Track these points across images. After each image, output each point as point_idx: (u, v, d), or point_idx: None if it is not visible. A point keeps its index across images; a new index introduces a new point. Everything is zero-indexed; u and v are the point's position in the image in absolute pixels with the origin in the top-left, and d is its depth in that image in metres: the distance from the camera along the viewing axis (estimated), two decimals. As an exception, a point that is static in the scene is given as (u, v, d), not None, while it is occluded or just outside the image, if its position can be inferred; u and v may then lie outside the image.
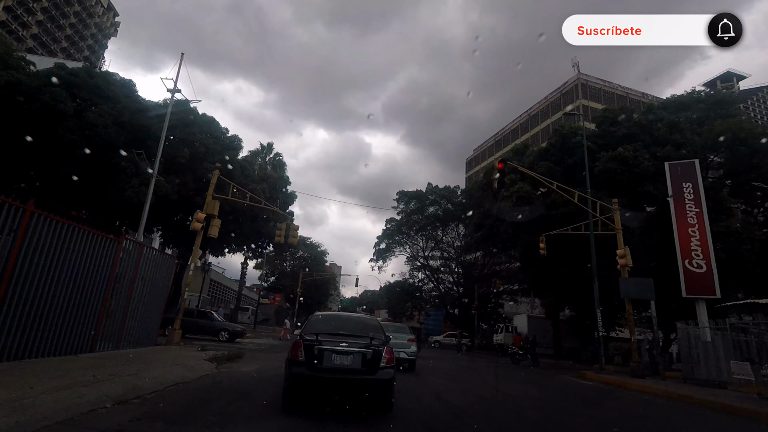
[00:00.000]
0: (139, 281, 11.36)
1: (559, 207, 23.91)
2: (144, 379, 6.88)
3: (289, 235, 19.99)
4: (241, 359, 12.41)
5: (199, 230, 14.43)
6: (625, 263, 15.54)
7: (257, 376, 9.29)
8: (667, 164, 16.43)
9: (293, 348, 6.62)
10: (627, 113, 24.35)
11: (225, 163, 22.16)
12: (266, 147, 42.32)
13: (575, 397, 10.73)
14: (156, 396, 6.24)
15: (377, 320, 8.26)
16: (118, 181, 19.85)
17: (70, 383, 5.62)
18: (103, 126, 19.43)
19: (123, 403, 5.50)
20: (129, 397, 5.84)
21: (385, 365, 6.57)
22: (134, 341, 11.54)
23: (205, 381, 7.85)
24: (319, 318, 7.90)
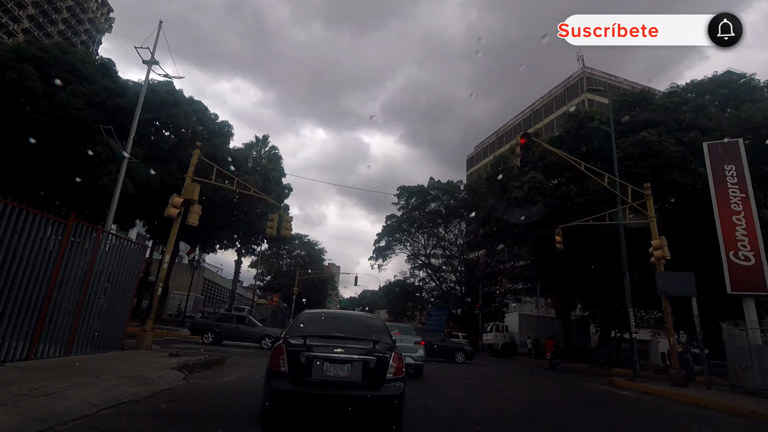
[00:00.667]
0: (96, 274, 9.55)
1: (574, 198, 22.18)
2: (70, 400, 5.08)
3: (282, 226, 18.18)
4: (221, 366, 10.60)
5: (176, 217, 12.61)
6: (661, 255, 13.74)
7: (235, 390, 7.50)
8: (706, 144, 14.67)
9: (274, 355, 4.91)
10: (647, 97, 22.54)
11: (212, 147, 20.39)
12: (261, 140, 40.65)
13: (624, 413, 8.95)
14: (75, 427, 4.44)
15: (381, 320, 6.49)
16: (93, 168, 18.04)
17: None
18: (76, 107, 17.65)
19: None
20: (30, 430, 4.05)
21: (392, 377, 4.91)
22: (92, 345, 9.73)
23: (158, 400, 6.04)
24: (308, 317, 6.13)
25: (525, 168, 12.33)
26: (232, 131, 24.15)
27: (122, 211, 21.13)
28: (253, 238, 31.38)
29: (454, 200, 45.62)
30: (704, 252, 19.74)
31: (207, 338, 18.06)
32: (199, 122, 21.83)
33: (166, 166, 20.61)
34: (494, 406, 8.38)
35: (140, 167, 18.92)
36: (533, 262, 28.26)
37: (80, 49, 21.96)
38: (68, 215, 8.66)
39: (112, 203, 13.51)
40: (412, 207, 46.73)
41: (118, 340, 10.75)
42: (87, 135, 17.93)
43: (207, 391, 7.18)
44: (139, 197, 19.36)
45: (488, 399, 9.26)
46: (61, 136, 17.65)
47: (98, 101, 18.16)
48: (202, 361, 9.90)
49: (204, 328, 18.44)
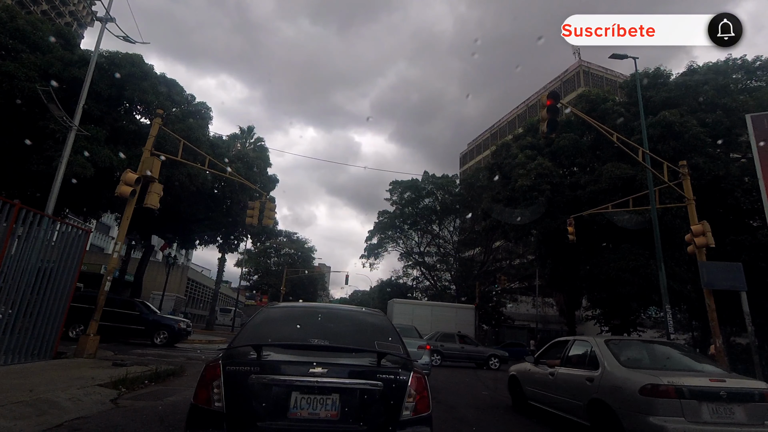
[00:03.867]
0: (11, 264, 7.42)
1: (585, 186, 20.36)
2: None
3: (263, 215, 16.10)
4: (178, 377, 8.50)
5: (129, 197, 10.49)
6: (704, 243, 11.86)
7: (179, 417, 5.41)
8: (748, 116, 12.92)
9: (202, 381, 2.79)
10: (662, 74, 20.78)
11: (186, 129, 18.18)
12: (246, 131, 38.39)
13: None
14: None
15: (386, 318, 4.38)
16: (45, 149, 15.76)
17: None
18: (25, 78, 15.34)
19: None
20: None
21: (412, 416, 2.85)
22: (13, 353, 7.63)
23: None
24: (272, 314, 4.07)
25: (551, 134, 10.43)
26: (211, 114, 21.88)
27: (84, 198, 18.88)
28: (236, 233, 29.13)
29: (450, 195, 43.77)
30: (728, 244, 18.07)
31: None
32: (172, 101, 19.59)
33: (135, 149, 18.34)
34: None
35: (103, 149, 16.68)
36: (538, 257, 26.41)
37: (31, 16, 19.52)
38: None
39: (54, 183, 11.27)
40: (406, 202, 44.76)
41: (50, 347, 8.61)
42: (39, 110, 15.66)
43: (135, 420, 5.08)
44: (102, 182, 17.10)
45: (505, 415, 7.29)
46: (7, 111, 15.34)
47: (53, 72, 15.89)
48: (152, 373, 7.79)
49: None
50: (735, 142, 19.29)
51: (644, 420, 4.67)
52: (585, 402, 5.64)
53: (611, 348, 5.83)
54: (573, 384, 6.12)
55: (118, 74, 16.55)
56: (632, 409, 4.86)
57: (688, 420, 4.56)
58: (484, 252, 44.57)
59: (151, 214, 14.81)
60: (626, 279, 18.19)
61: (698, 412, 4.61)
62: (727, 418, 4.63)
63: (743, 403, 4.72)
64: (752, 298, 12.07)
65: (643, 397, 4.75)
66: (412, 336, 11.06)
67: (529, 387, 7.54)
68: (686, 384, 4.74)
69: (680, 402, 4.62)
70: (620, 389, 5.13)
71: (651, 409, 4.67)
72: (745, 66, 21.40)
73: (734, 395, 4.73)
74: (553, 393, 6.65)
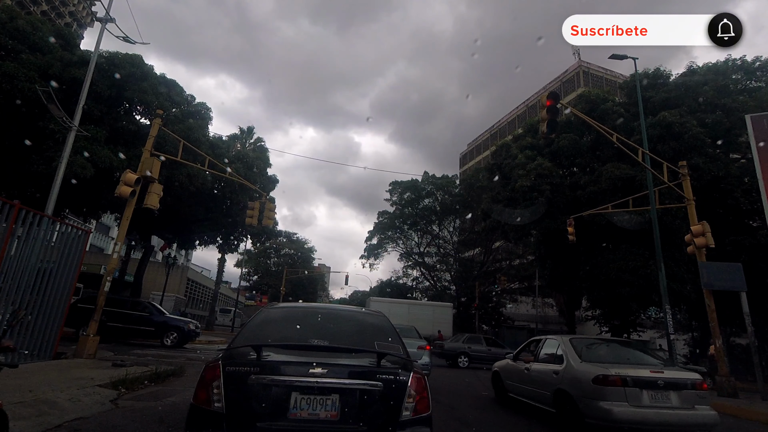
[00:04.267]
0: (11, 264, 7.43)
1: (585, 187, 20.36)
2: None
3: (263, 216, 16.10)
4: (178, 378, 8.50)
5: (129, 197, 10.50)
6: (704, 243, 11.88)
7: (179, 417, 5.41)
8: (748, 117, 12.95)
9: (202, 381, 2.78)
10: (662, 75, 20.78)
11: (186, 129, 18.17)
12: (246, 131, 38.44)
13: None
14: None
15: (386, 318, 4.35)
16: (45, 149, 15.75)
17: None
18: (25, 78, 15.34)
19: None
20: None
21: (412, 416, 2.84)
22: (9, 353, 7.61)
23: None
24: (272, 314, 4.07)
25: (551, 135, 10.44)
26: (210, 114, 21.87)
27: (84, 198, 18.87)
28: (236, 233, 29.09)
29: (449, 196, 43.76)
30: (728, 245, 18.08)
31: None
32: (172, 101, 19.58)
33: (135, 150, 18.33)
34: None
35: (103, 149, 16.67)
36: (538, 258, 26.40)
37: (31, 16, 19.51)
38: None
39: (54, 183, 11.29)
40: (405, 203, 44.74)
41: (50, 348, 8.61)
42: (39, 111, 15.65)
43: (135, 421, 5.08)
44: (102, 183, 17.10)
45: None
46: (7, 111, 15.34)
47: (53, 73, 15.88)
48: (152, 374, 7.79)
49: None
50: (735, 143, 19.30)
51: (596, 405, 5.51)
52: (551, 392, 6.48)
53: (574, 345, 6.67)
54: (543, 377, 6.95)
55: (117, 75, 16.54)
56: (587, 396, 5.68)
57: (631, 404, 5.40)
58: (483, 252, 44.57)
59: (151, 214, 14.81)
60: (626, 279, 18.19)
61: (639, 398, 5.46)
62: (663, 403, 5.49)
63: (677, 391, 5.58)
64: (752, 298, 12.10)
65: (595, 385, 5.58)
66: (411, 336, 11.04)
67: (509, 381, 8.33)
68: (630, 374, 5.58)
69: (624, 390, 5.45)
70: (578, 380, 5.96)
71: (601, 395, 5.50)
72: (744, 66, 21.41)
73: (670, 384, 5.59)
74: (527, 385, 7.48)
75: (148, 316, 15.75)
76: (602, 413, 5.40)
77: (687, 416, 5.48)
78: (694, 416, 5.48)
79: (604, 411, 5.38)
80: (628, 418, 5.30)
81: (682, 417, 5.47)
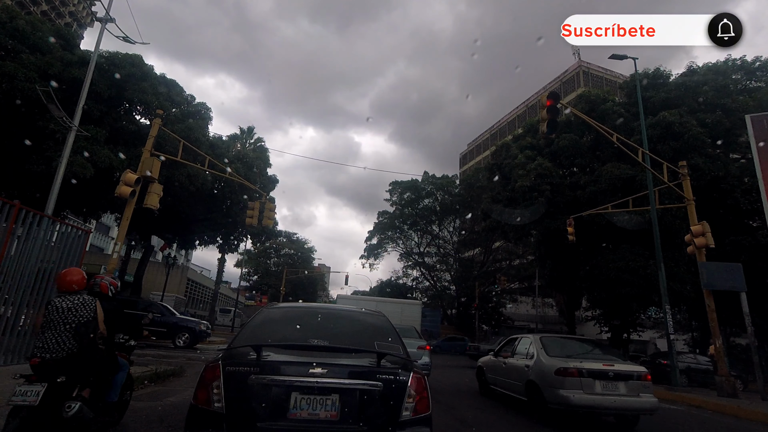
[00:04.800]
0: (11, 264, 7.42)
1: (585, 187, 20.37)
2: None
3: (263, 216, 16.11)
4: (179, 378, 8.50)
5: (129, 197, 10.51)
6: (704, 243, 11.89)
7: (179, 417, 5.41)
8: (748, 117, 12.95)
9: (202, 381, 2.77)
10: (662, 75, 20.79)
11: (186, 129, 18.18)
12: (246, 131, 38.49)
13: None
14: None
15: (386, 318, 4.35)
16: (45, 149, 15.76)
17: None
18: (25, 78, 15.34)
19: None
20: None
21: (412, 416, 2.83)
22: (9, 353, 7.63)
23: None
24: (272, 314, 4.06)
25: (551, 135, 10.45)
26: (210, 114, 21.89)
27: (84, 198, 18.87)
28: (236, 233, 29.11)
29: (449, 196, 43.77)
30: (728, 245, 18.09)
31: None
32: (172, 101, 19.59)
33: (135, 150, 18.34)
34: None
35: (103, 149, 16.68)
36: (538, 258, 26.41)
37: (31, 16, 19.50)
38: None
39: (54, 183, 11.29)
40: (405, 203, 44.77)
41: (50, 348, 8.57)
42: (39, 111, 15.66)
43: (135, 421, 5.09)
44: (102, 183, 17.11)
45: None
46: (7, 111, 15.35)
47: (53, 73, 15.89)
48: (151, 374, 7.79)
49: None
50: (735, 143, 19.31)
51: (557, 393, 6.42)
52: (523, 382, 7.43)
53: (543, 343, 7.55)
54: (517, 370, 7.87)
55: (117, 75, 16.56)
56: (550, 385, 6.59)
57: (585, 392, 6.31)
58: (483, 252, 44.62)
59: (151, 214, 14.80)
60: (626, 279, 18.19)
61: (593, 387, 6.36)
62: (613, 391, 6.41)
63: (625, 381, 6.48)
64: (752, 298, 12.10)
65: (557, 376, 6.49)
66: (411, 336, 11.04)
67: (490, 375, 9.33)
68: (585, 367, 6.48)
69: (580, 380, 6.36)
70: (544, 372, 6.87)
71: (561, 384, 6.40)
72: (744, 66, 21.44)
73: (619, 375, 6.49)
74: (504, 378, 8.47)
75: (160, 317, 15.91)
76: (562, 400, 6.31)
77: (632, 402, 6.44)
78: (638, 402, 6.46)
79: (563, 398, 6.30)
80: (583, 403, 6.24)
81: (628, 403, 6.43)
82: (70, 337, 3.71)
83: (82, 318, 3.82)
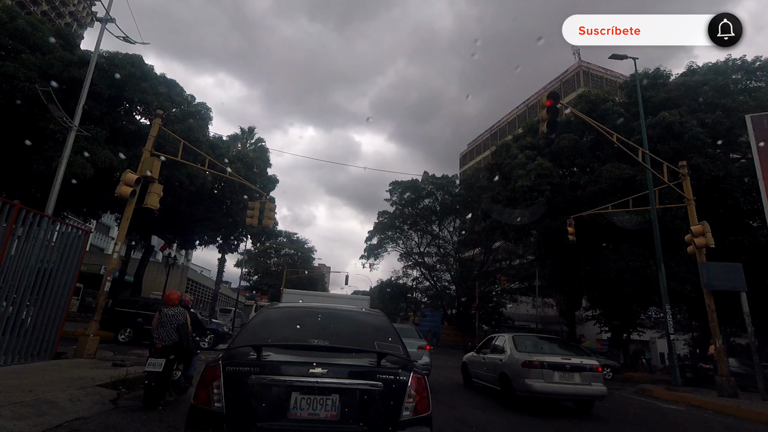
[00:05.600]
0: (11, 264, 7.43)
1: (585, 187, 20.37)
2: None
3: (263, 216, 16.10)
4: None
5: (129, 197, 10.51)
6: (704, 243, 11.89)
7: (177, 417, 5.42)
8: (748, 117, 12.95)
9: (202, 381, 2.77)
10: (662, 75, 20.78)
11: (186, 129, 18.17)
12: (247, 131, 38.42)
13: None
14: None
15: (386, 317, 4.35)
16: (45, 149, 15.74)
17: None
18: (25, 78, 15.33)
19: None
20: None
21: (412, 416, 2.83)
22: (13, 353, 7.65)
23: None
24: (272, 314, 4.07)
25: (551, 135, 10.45)
26: (210, 114, 21.87)
27: (84, 198, 18.86)
28: (236, 233, 29.09)
29: (449, 196, 43.73)
30: (728, 245, 18.08)
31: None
32: (172, 101, 19.58)
33: (135, 150, 18.33)
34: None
35: (104, 149, 16.67)
36: (538, 258, 26.40)
37: (31, 16, 19.48)
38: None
39: (54, 183, 11.30)
40: (405, 203, 44.72)
41: (50, 347, 8.61)
42: (39, 111, 15.65)
43: (135, 421, 5.09)
44: (102, 183, 17.10)
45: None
46: (7, 111, 15.34)
47: (53, 73, 15.88)
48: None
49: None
50: (735, 143, 19.30)
51: (523, 382, 7.64)
52: (497, 374, 8.66)
53: (514, 340, 8.80)
54: (493, 364, 9.12)
55: (118, 75, 16.54)
56: (518, 376, 7.80)
57: (546, 381, 7.55)
58: (483, 252, 44.59)
59: (151, 214, 14.79)
60: (626, 279, 18.19)
61: (552, 377, 7.59)
62: (569, 381, 7.65)
63: (580, 372, 7.70)
64: (752, 298, 12.10)
65: (523, 368, 7.72)
66: (411, 336, 11.03)
67: (472, 369, 10.63)
68: (546, 360, 7.72)
69: (542, 371, 7.58)
70: (513, 364, 8.07)
71: (527, 375, 7.63)
72: (744, 66, 21.42)
73: (574, 367, 7.70)
74: (483, 371, 9.75)
75: None
76: (527, 388, 7.53)
77: (585, 389, 7.67)
78: (590, 390, 7.69)
79: (528, 386, 7.52)
80: (544, 390, 7.48)
81: (581, 390, 7.66)
82: (174, 332, 5.98)
83: (180, 321, 6.08)
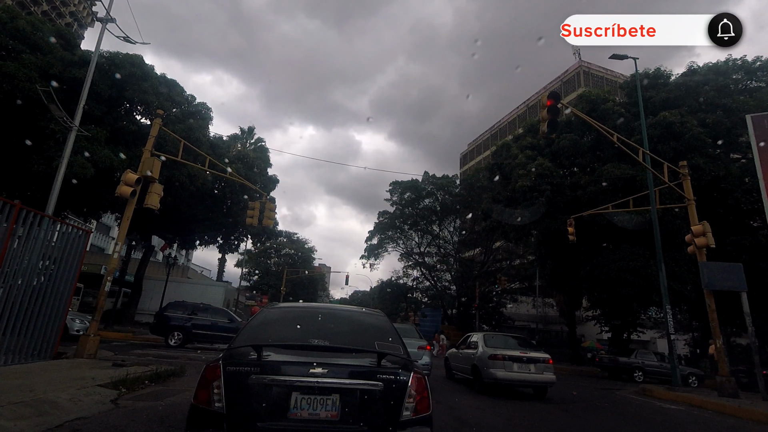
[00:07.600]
0: (11, 264, 7.43)
1: (585, 187, 20.36)
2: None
3: (263, 216, 16.10)
4: (179, 378, 8.50)
5: (130, 197, 10.51)
6: (704, 243, 11.87)
7: (180, 418, 5.41)
8: (749, 117, 12.94)
9: (202, 381, 2.76)
10: (662, 75, 20.77)
11: (186, 129, 18.19)
12: (247, 131, 38.54)
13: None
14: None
15: (386, 317, 4.34)
16: (46, 149, 15.77)
17: None
18: (26, 78, 15.35)
19: None
20: None
21: (412, 416, 2.83)
22: (13, 353, 7.65)
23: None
24: (272, 315, 4.06)
25: (551, 135, 10.46)
26: (211, 114, 21.88)
27: (85, 198, 18.88)
28: (236, 233, 29.10)
29: (450, 196, 43.69)
30: (728, 245, 18.08)
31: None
32: (172, 101, 19.59)
33: (135, 150, 18.34)
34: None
35: (103, 149, 16.68)
36: (538, 258, 26.40)
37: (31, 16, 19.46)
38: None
39: (54, 183, 11.31)
40: (406, 203, 44.68)
41: (50, 347, 8.61)
42: (40, 111, 15.67)
43: (135, 421, 5.09)
44: (103, 183, 17.11)
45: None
46: (8, 111, 15.36)
47: (53, 73, 15.89)
48: (151, 374, 7.79)
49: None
50: (735, 143, 19.29)
51: (489, 371, 9.59)
52: (470, 366, 10.63)
53: (485, 338, 10.87)
54: (467, 358, 11.00)
55: (118, 75, 16.56)
56: (486, 367, 9.72)
57: (506, 371, 9.50)
58: (484, 252, 44.56)
59: (152, 214, 14.81)
60: (626, 279, 18.18)
61: (511, 367, 9.56)
62: (525, 371, 9.64)
63: (534, 363, 9.66)
64: (752, 298, 12.10)
65: (490, 360, 9.68)
66: (411, 336, 11.03)
67: (452, 363, 12.62)
68: (507, 353, 9.74)
69: (503, 362, 9.55)
70: (482, 357, 10.00)
71: (492, 366, 9.59)
72: (745, 66, 21.40)
73: (530, 359, 9.69)
74: (460, 364, 11.71)
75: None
76: (492, 376, 9.48)
77: (538, 377, 9.60)
78: (542, 378, 9.60)
79: (493, 374, 9.47)
80: (505, 377, 9.41)
81: (534, 377, 9.59)
82: None
83: None
